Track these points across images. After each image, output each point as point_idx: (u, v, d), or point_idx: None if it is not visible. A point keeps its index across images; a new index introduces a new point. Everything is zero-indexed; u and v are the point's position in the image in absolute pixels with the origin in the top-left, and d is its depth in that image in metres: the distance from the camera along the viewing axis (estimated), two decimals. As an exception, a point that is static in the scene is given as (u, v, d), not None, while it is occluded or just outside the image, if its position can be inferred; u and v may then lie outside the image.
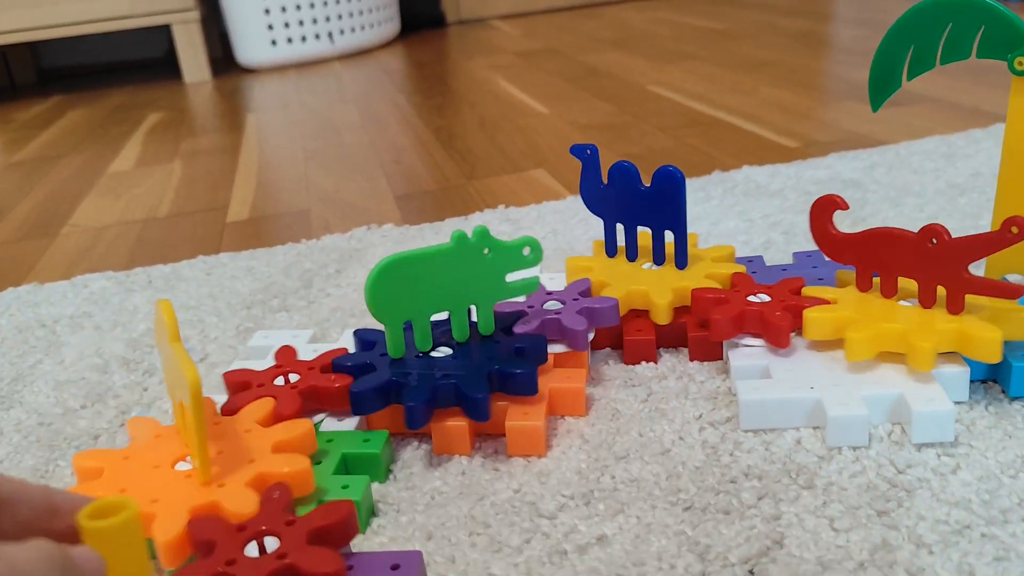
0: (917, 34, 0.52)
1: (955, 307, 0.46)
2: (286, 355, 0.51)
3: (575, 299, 0.53)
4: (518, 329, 0.50)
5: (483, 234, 0.47)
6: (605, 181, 0.58)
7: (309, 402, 0.47)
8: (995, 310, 0.46)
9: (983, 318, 0.45)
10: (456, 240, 0.46)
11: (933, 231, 0.46)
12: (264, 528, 0.36)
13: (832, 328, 0.47)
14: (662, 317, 0.52)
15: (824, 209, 0.51)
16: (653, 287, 0.53)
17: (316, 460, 0.43)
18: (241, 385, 0.48)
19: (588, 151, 0.58)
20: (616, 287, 0.53)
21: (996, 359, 0.44)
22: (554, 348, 0.50)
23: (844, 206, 0.50)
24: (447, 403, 0.45)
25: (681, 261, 0.55)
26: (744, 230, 0.71)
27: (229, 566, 0.34)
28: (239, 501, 0.38)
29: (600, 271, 0.56)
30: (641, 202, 0.56)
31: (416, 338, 0.48)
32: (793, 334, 0.49)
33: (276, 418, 0.44)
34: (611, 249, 0.59)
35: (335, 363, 0.48)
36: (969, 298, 0.47)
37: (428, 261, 0.46)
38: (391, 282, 0.46)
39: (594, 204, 0.59)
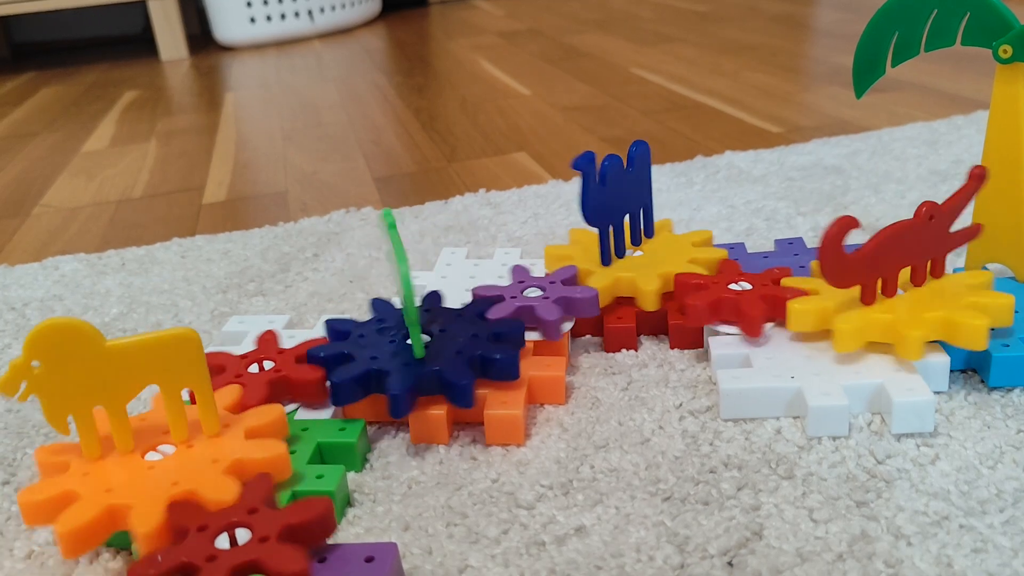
0: (902, 20, 0.51)
1: (939, 272, 0.48)
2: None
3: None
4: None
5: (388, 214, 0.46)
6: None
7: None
8: (976, 297, 0.46)
9: (965, 306, 0.45)
10: (392, 225, 0.45)
11: (931, 208, 0.46)
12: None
13: (817, 320, 0.46)
14: (650, 304, 0.52)
15: (840, 235, 0.44)
16: (639, 274, 0.52)
17: (291, 449, 0.42)
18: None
19: (587, 161, 0.52)
20: (601, 275, 0.53)
21: (983, 346, 0.44)
22: (529, 336, 0.50)
23: (857, 225, 0.45)
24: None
25: (649, 229, 0.58)
26: (726, 216, 0.71)
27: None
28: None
29: (582, 259, 0.55)
30: (646, 183, 0.56)
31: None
32: (772, 324, 0.49)
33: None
34: (607, 259, 0.54)
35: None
36: (950, 287, 0.47)
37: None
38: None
39: (598, 213, 0.53)
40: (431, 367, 0.44)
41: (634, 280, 0.52)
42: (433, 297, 0.52)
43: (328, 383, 0.45)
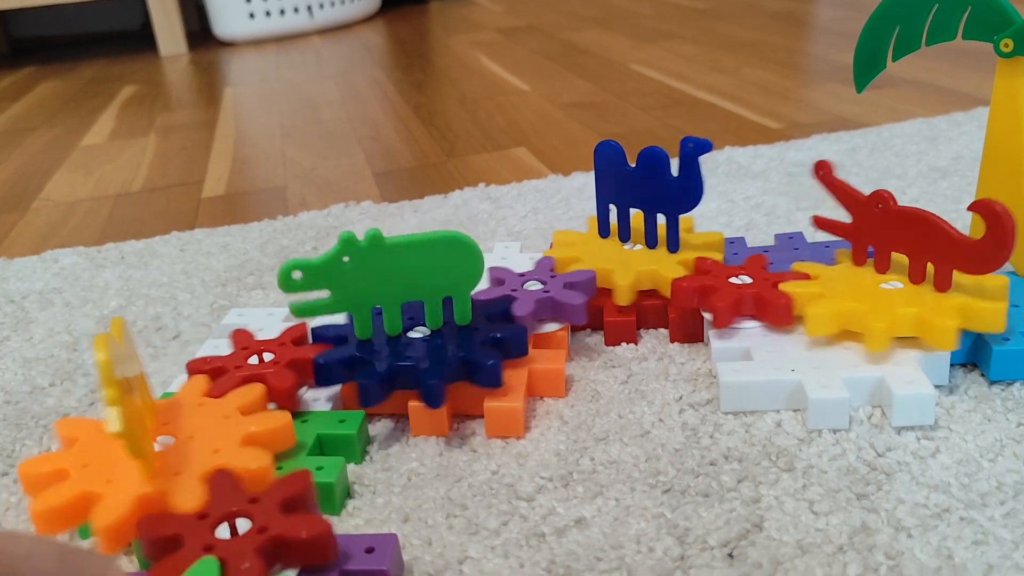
0: (903, 15, 0.51)
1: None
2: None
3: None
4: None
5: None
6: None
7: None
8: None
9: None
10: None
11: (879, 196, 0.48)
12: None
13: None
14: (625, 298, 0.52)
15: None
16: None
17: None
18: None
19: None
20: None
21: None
22: (550, 327, 0.50)
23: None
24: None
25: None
26: (726, 211, 0.71)
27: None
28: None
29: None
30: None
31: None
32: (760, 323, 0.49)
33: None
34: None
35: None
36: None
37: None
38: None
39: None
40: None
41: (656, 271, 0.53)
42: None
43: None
